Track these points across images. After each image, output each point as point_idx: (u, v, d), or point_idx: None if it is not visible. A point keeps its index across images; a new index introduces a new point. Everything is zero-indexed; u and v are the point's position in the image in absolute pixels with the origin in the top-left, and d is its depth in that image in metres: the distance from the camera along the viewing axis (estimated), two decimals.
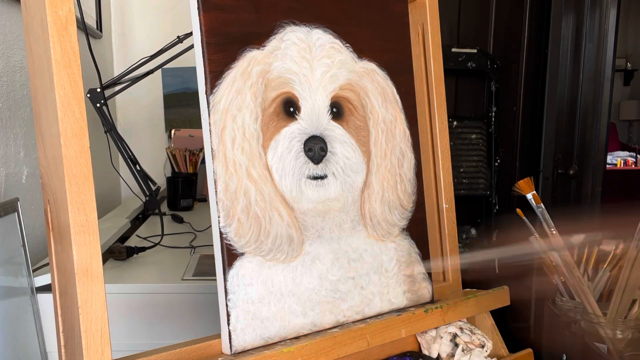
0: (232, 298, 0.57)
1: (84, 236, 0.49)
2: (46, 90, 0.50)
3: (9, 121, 1.18)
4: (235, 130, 0.58)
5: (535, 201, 0.74)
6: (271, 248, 0.60)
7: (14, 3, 1.20)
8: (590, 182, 2.16)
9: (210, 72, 0.57)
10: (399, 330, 0.67)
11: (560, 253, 0.75)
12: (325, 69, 0.65)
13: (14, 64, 1.21)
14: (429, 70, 0.77)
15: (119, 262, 1.19)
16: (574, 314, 0.79)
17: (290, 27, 0.63)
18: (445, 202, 0.77)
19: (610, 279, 0.79)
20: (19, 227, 0.92)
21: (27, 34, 0.52)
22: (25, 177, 1.24)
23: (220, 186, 0.57)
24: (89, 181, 0.49)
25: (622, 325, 0.71)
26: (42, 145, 0.53)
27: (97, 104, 1.06)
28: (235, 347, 0.57)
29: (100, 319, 0.49)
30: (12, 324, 0.87)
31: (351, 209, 0.66)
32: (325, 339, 0.60)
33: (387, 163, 0.70)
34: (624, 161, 4.79)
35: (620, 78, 5.82)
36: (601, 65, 2.09)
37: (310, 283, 0.62)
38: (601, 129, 2.13)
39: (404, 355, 0.70)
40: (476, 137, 2.08)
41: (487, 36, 2.14)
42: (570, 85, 2.09)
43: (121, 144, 1.10)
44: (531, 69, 2.15)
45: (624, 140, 5.67)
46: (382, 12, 0.71)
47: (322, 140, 0.64)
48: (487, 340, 0.72)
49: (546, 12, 2.08)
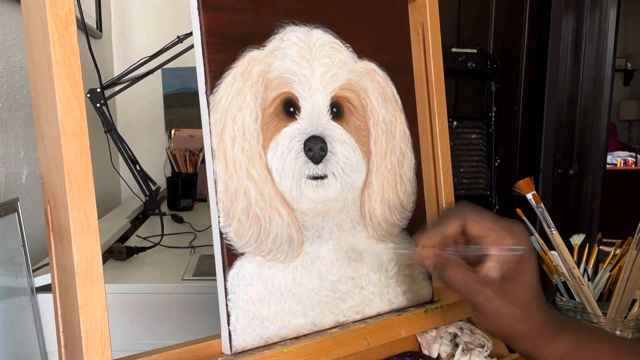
0: (232, 298, 0.57)
1: (84, 236, 0.49)
2: (46, 90, 0.50)
3: (9, 121, 1.18)
4: (235, 130, 0.58)
5: (535, 201, 0.74)
6: (271, 248, 0.60)
7: (14, 3, 1.20)
8: (590, 182, 2.16)
9: (210, 72, 0.57)
10: (399, 330, 0.67)
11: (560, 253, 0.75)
12: (325, 69, 0.65)
13: (14, 64, 1.21)
14: (429, 70, 0.77)
15: (119, 262, 1.19)
16: (574, 314, 0.79)
17: (290, 27, 0.63)
18: (445, 202, 0.77)
19: (610, 279, 0.79)
20: (19, 227, 0.92)
21: (27, 34, 0.52)
22: (25, 177, 1.24)
23: (220, 186, 0.57)
24: (89, 181, 0.49)
25: (622, 325, 0.71)
26: (42, 145, 0.53)
27: (97, 104, 1.06)
28: (235, 347, 0.57)
29: (100, 319, 0.49)
30: (12, 324, 0.87)
31: (351, 209, 0.66)
32: (325, 339, 0.60)
33: (387, 163, 0.70)
34: (624, 161, 4.79)
35: (620, 78, 5.82)
36: (601, 65, 2.09)
37: (310, 283, 0.62)
38: (601, 129, 2.14)
39: (404, 355, 0.70)
40: (476, 137, 2.08)
41: (487, 36, 2.14)
42: (570, 85, 2.10)
43: (121, 144, 1.11)
44: (531, 69, 2.15)
45: (624, 140, 5.68)
46: (382, 12, 0.71)
47: (322, 140, 0.64)
48: (487, 340, 0.72)
49: (546, 12, 2.08)
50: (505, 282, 0.51)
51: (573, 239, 0.83)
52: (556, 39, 2.04)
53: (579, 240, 0.83)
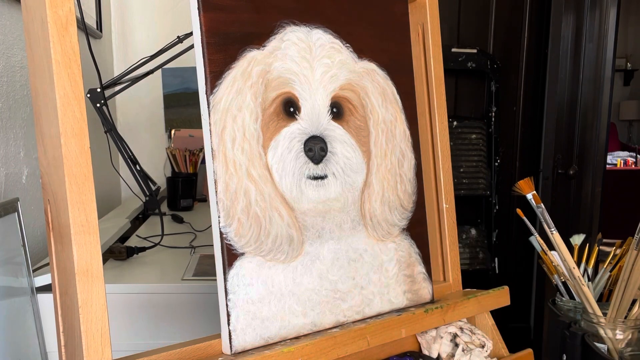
0: (232, 298, 0.57)
1: (84, 236, 0.49)
2: (46, 90, 0.50)
3: (9, 121, 1.18)
4: (236, 130, 0.58)
5: (535, 201, 0.74)
6: (271, 248, 0.60)
7: (14, 3, 1.20)
8: (590, 182, 2.16)
9: (210, 72, 0.57)
10: (399, 330, 0.67)
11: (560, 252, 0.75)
12: (325, 69, 0.65)
13: (14, 64, 1.21)
14: (429, 70, 0.77)
15: (119, 262, 1.19)
16: (574, 314, 0.79)
17: (291, 27, 0.63)
18: (445, 202, 0.77)
19: (610, 279, 0.79)
20: (19, 227, 0.92)
21: (27, 34, 0.52)
22: (25, 177, 1.24)
23: (220, 186, 0.57)
24: (89, 181, 0.49)
25: (622, 325, 0.71)
26: (42, 145, 0.53)
27: (97, 104, 1.06)
28: (235, 347, 0.57)
29: (100, 319, 0.49)
30: (12, 324, 0.87)
31: (351, 209, 0.66)
32: (326, 339, 0.60)
33: (387, 163, 0.70)
34: (624, 161, 4.79)
35: (620, 78, 5.82)
36: (601, 65, 2.09)
37: (311, 283, 0.62)
38: (601, 129, 2.13)
39: (404, 355, 0.70)
40: (476, 137, 2.08)
41: (487, 36, 2.14)
42: (570, 85, 2.09)
43: (121, 144, 1.10)
44: (531, 69, 2.15)
45: (624, 140, 5.68)
46: (382, 12, 0.71)
47: (322, 140, 0.64)
48: (487, 340, 0.72)
49: (546, 12, 2.08)
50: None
51: (573, 239, 0.83)
52: (556, 39, 2.04)
53: (579, 240, 0.83)
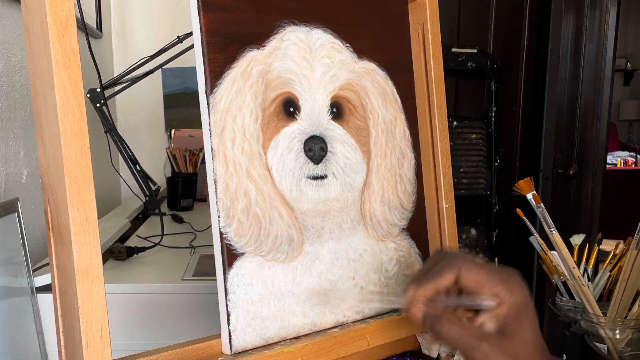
0: (232, 298, 0.57)
1: (84, 236, 0.49)
2: (46, 90, 0.50)
3: (9, 121, 1.18)
4: (235, 130, 0.58)
5: (535, 201, 0.74)
6: (271, 248, 0.60)
7: (14, 3, 1.20)
8: (590, 182, 2.16)
9: (210, 72, 0.57)
10: (399, 330, 0.67)
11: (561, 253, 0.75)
12: (325, 69, 0.65)
13: (14, 64, 1.21)
14: (429, 70, 0.77)
15: (119, 262, 1.19)
16: (574, 314, 0.79)
17: (291, 27, 0.63)
18: (445, 202, 0.77)
19: (610, 279, 0.79)
20: (19, 227, 0.92)
21: (27, 34, 0.52)
22: (25, 177, 1.24)
23: (220, 186, 0.57)
24: (89, 181, 0.49)
25: (622, 325, 0.71)
26: (42, 145, 0.53)
27: (97, 104, 1.06)
28: (235, 347, 0.57)
29: (100, 319, 0.49)
30: (12, 324, 0.87)
31: (351, 209, 0.66)
32: (325, 339, 0.60)
33: (387, 163, 0.70)
34: (624, 161, 4.80)
35: (620, 78, 5.82)
36: (601, 65, 2.09)
37: (310, 283, 0.62)
38: (601, 129, 2.13)
39: (404, 355, 0.70)
40: (476, 137, 2.08)
41: (487, 36, 2.14)
42: (570, 85, 2.09)
43: (121, 144, 1.11)
44: (531, 69, 2.15)
45: (624, 140, 5.68)
46: (382, 12, 0.71)
47: (322, 140, 0.64)
48: None
49: (546, 12, 2.08)
50: (504, 337, 0.48)
51: (573, 239, 0.83)
52: (556, 39, 2.04)
53: (579, 240, 0.82)
